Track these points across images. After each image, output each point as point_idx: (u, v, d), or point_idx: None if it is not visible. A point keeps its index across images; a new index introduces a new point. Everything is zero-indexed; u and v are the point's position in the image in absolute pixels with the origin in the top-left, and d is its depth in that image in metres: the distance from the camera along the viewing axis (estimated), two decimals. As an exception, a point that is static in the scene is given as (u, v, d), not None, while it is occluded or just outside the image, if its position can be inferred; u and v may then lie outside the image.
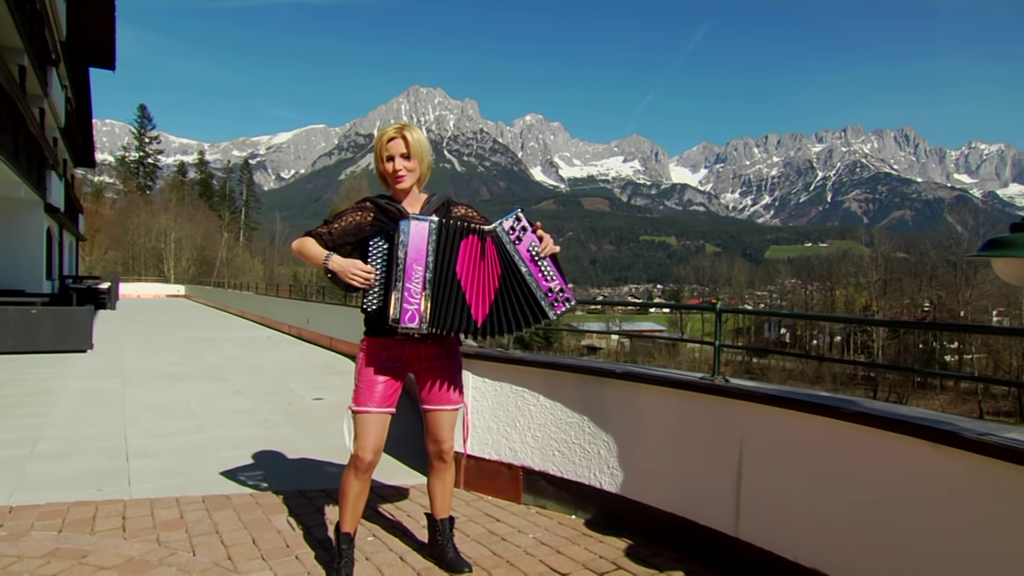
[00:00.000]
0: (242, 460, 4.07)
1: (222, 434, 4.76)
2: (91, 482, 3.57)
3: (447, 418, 2.44)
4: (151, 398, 6.16)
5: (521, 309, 2.17)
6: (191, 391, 6.57)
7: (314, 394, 6.56)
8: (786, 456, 2.35)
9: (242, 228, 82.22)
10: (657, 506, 2.84)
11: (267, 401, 6.12)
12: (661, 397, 2.86)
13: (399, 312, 2.11)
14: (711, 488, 2.62)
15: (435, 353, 2.38)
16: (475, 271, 2.17)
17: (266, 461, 4.09)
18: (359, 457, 2.30)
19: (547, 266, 2.19)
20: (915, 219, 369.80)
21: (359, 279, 2.22)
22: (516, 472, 3.45)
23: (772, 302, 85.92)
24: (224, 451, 4.28)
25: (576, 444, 3.21)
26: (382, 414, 2.33)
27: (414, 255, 2.12)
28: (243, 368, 8.41)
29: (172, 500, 3.29)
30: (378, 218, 2.33)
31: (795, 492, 2.31)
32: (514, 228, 2.19)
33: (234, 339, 12.63)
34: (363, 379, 2.33)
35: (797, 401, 2.30)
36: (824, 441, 2.21)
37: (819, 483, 2.23)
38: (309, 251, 2.33)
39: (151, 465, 3.93)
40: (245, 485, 3.58)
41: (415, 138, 2.34)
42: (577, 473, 3.20)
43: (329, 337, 10.86)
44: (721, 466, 2.59)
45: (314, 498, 3.36)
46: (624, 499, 2.98)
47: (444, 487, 2.55)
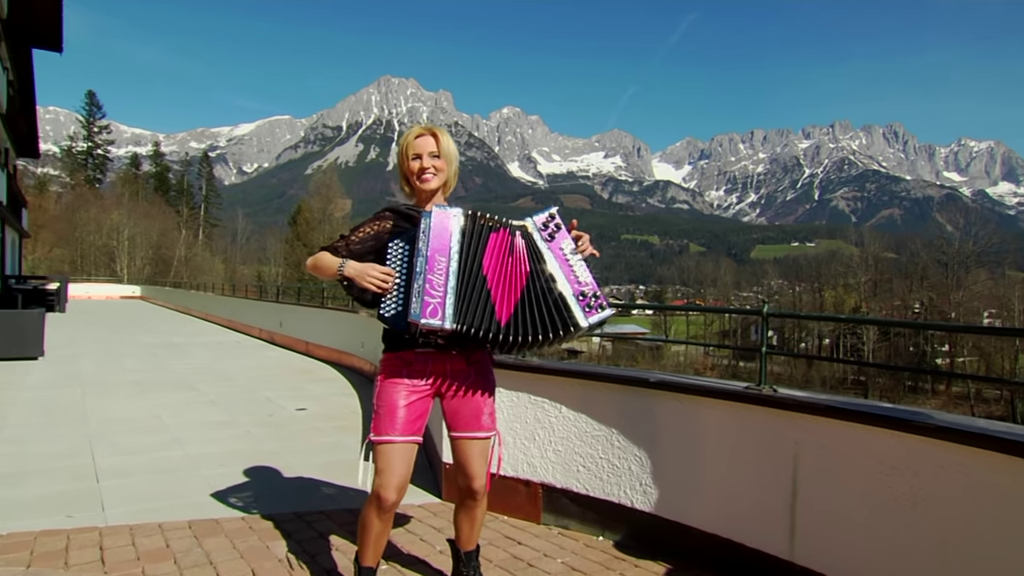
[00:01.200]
0: (227, 479, 3.89)
1: (201, 450, 4.55)
2: (58, 507, 3.36)
3: (479, 448, 2.23)
4: (116, 410, 5.91)
5: (549, 313, 2.01)
6: (160, 401, 6.33)
7: (295, 403, 6.36)
8: (848, 473, 2.27)
9: (202, 225, 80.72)
10: (698, 527, 2.74)
11: (245, 412, 5.92)
12: (702, 408, 2.77)
13: (420, 306, 1.94)
14: (761, 507, 2.53)
15: (464, 370, 2.20)
16: (502, 268, 2.03)
17: (254, 480, 3.91)
18: (381, 497, 2.12)
19: (581, 268, 2.05)
20: (904, 218, 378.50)
21: (376, 281, 2.08)
22: (535, 489, 3.34)
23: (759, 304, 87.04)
24: (206, 469, 4.08)
25: (604, 459, 3.10)
26: (407, 444, 2.14)
27: (437, 245, 1.98)
28: (214, 376, 8.16)
29: (154, 526, 3.10)
30: (398, 225, 2.20)
31: (859, 513, 2.23)
32: (547, 224, 2.06)
33: (201, 344, 12.30)
34: (383, 403, 2.15)
35: (862, 413, 2.22)
36: (894, 457, 2.13)
37: (888, 504, 2.15)
38: (323, 263, 2.18)
39: (125, 486, 3.73)
40: (234, 508, 3.40)
41: (445, 139, 2.24)
42: (605, 490, 3.09)
43: (305, 342, 10.62)
44: (772, 483, 2.50)
45: (314, 521, 3.21)
46: (660, 519, 2.88)
47: (474, 522, 2.39)
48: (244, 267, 74.73)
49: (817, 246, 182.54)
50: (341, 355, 9.18)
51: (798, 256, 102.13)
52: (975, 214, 73.84)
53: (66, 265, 52.40)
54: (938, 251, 60.45)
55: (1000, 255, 65.18)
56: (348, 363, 8.87)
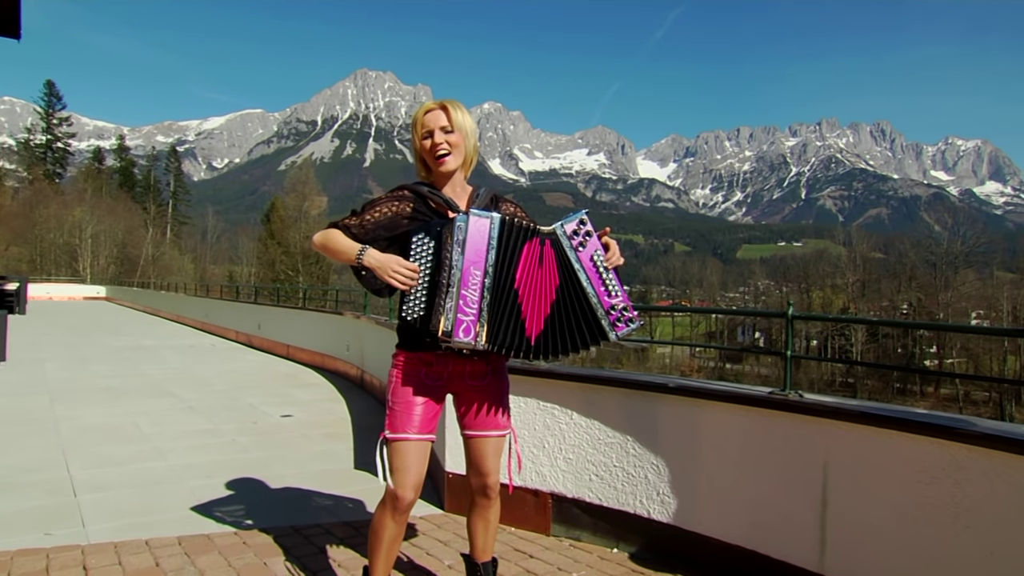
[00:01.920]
0: (215, 491, 3.78)
1: (185, 460, 4.44)
2: (34, 524, 3.24)
3: (493, 446, 2.23)
4: (89, 418, 5.75)
5: (579, 326, 1.99)
6: (136, 408, 6.18)
7: (280, 410, 6.24)
8: (884, 482, 2.24)
9: (170, 223, 79.51)
10: (720, 538, 2.71)
11: (228, 419, 5.79)
12: (724, 414, 2.74)
13: (452, 324, 1.91)
14: (788, 518, 2.50)
15: (482, 370, 2.18)
16: (532, 281, 1.99)
17: (245, 492, 3.81)
18: (398, 496, 2.07)
19: (611, 279, 2.01)
20: (891, 217, 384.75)
21: (401, 278, 2.01)
22: (544, 500, 3.29)
23: (745, 305, 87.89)
24: (192, 480, 3.97)
25: (618, 467, 3.06)
26: (423, 442, 2.12)
27: (473, 257, 1.92)
28: (191, 381, 8.00)
29: (141, 543, 2.99)
30: (418, 209, 2.13)
31: (896, 524, 2.21)
32: (577, 232, 2.00)
33: (173, 347, 12.08)
34: (399, 401, 2.12)
35: (900, 420, 2.19)
36: (934, 466, 2.11)
37: (927, 515, 2.13)
38: (336, 245, 2.09)
39: (106, 500, 3.61)
40: (225, 522, 3.30)
41: (458, 112, 2.15)
42: (619, 500, 3.05)
43: (286, 345, 10.47)
44: (801, 493, 2.47)
45: (312, 536, 3.12)
46: (678, 530, 2.85)
47: (488, 526, 2.34)
48: (215, 267, 73.79)
49: (804, 246, 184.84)
50: (324, 358, 9.05)
51: (785, 256, 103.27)
52: (963, 214, 75.24)
53: (24, 264, 51.27)
54: (926, 251, 61.45)
55: (988, 255, 66.53)
56: (332, 367, 8.75)
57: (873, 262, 70.76)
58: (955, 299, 55.75)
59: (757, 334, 72.92)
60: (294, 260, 36.96)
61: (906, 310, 57.89)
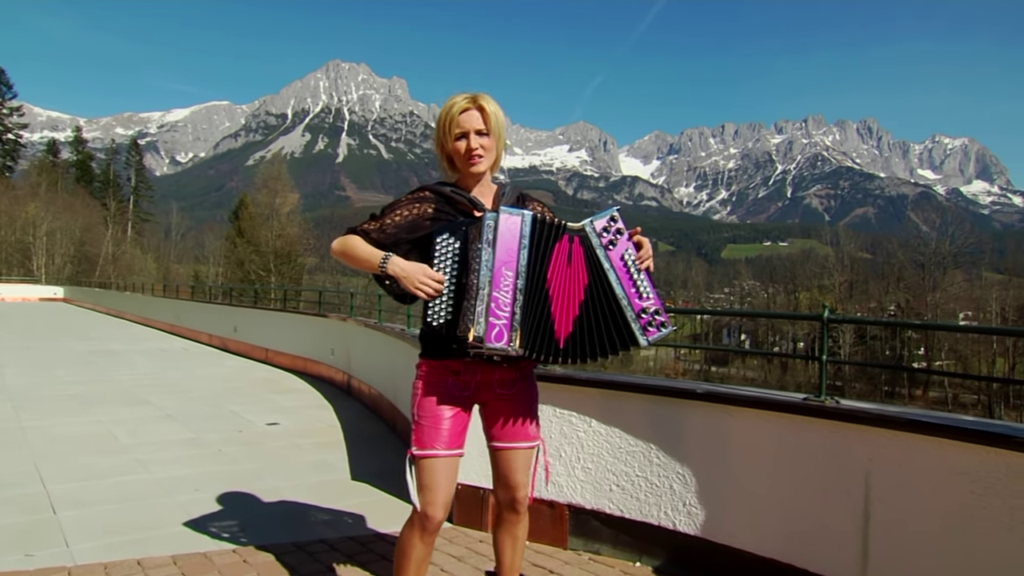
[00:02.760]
0: (206, 505, 3.68)
1: (170, 472, 4.32)
2: (13, 544, 3.11)
3: (523, 458, 2.18)
4: (60, 428, 5.59)
5: (607, 330, 1.95)
6: (110, 417, 6.02)
7: (265, 418, 6.13)
8: (931, 492, 2.23)
9: (131, 220, 78.07)
10: (753, 551, 2.68)
11: (211, 428, 5.67)
12: (756, 422, 2.71)
13: (484, 328, 1.85)
14: (828, 530, 2.48)
15: (511, 378, 2.13)
16: (562, 281, 1.95)
17: (238, 506, 3.72)
18: (428, 515, 2.01)
19: (643, 281, 1.98)
20: (878, 216, 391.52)
21: (428, 289, 1.96)
22: (560, 511, 3.24)
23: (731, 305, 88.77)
24: (180, 494, 3.87)
25: (641, 477, 3.02)
26: (452, 457, 2.06)
27: (504, 257, 1.87)
28: (166, 387, 7.83)
29: (132, 563, 2.90)
30: (441, 209, 2.08)
31: (945, 536, 2.20)
32: (607, 230, 1.97)
33: (143, 351, 11.84)
34: (425, 414, 2.06)
35: (951, 428, 2.18)
36: (989, 475, 2.10)
37: (980, 525, 2.12)
38: (358, 252, 2.05)
39: (89, 517, 3.49)
40: (222, 539, 3.21)
41: (492, 110, 2.10)
42: (642, 512, 3.01)
43: (264, 348, 10.31)
44: (841, 504, 2.46)
45: (316, 552, 3.05)
46: (707, 542, 2.82)
47: (516, 543, 2.29)
48: (180, 266, 72.69)
49: (790, 245, 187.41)
50: (307, 363, 8.92)
51: (771, 256, 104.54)
52: (951, 214, 76.78)
53: (-29, 264, 50.03)
54: (915, 251, 62.46)
55: (976, 256, 67.93)
56: (315, 372, 8.63)
57: (861, 262, 71.83)
58: (943, 300, 56.75)
59: (743, 336, 73.71)
60: (266, 260, 36.46)
61: (893, 311, 58.85)
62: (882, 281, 65.15)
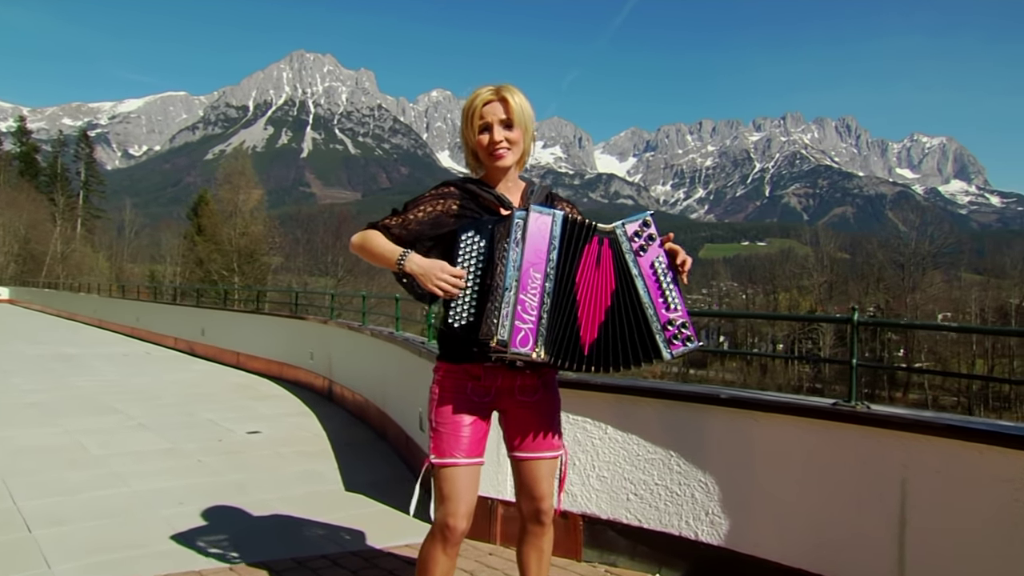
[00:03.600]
0: (193, 520, 3.59)
1: (149, 485, 4.20)
2: (-12, 563, 3.00)
3: (547, 468, 2.15)
4: (23, 439, 5.41)
5: (632, 341, 1.93)
6: (77, 427, 5.85)
7: (244, 426, 6.02)
8: (972, 499, 2.25)
9: (81, 216, 76.28)
10: (780, 561, 2.69)
11: (187, 437, 5.54)
12: (784, 427, 2.72)
13: (509, 332, 1.81)
14: (861, 539, 2.50)
15: (533, 385, 2.10)
16: (590, 285, 1.94)
17: (227, 520, 3.63)
18: (449, 526, 1.97)
19: (671, 290, 1.95)
20: (856, 216, 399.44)
21: (446, 286, 1.93)
22: (574, 522, 3.22)
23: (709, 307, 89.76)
24: (163, 508, 3.76)
25: (660, 485, 3.02)
26: (473, 466, 2.03)
27: (532, 258, 1.84)
28: (133, 394, 7.64)
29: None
30: (465, 207, 2.05)
31: (986, 544, 2.22)
32: (639, 234, 1.94)
33: (103, 356, 11.57)
34: (444, 420, 2.03)
35: (990, 433, 2.21)
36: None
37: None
38: (376, 247, 2.02)
39: (68, 535, 3.37)
40: (214, 556, 3.13)
41: (518, 101, 2.07)
42: (662, 521, 3.01)
43: (236, 353, 10.13)
44: (875, 512, 2.47)
45: (319, 569, 2.98)
46: (731, 552, 2.82)
47: (542, 556, 2.25)
48: (134, 266, 71.15)
49: (769, 245, 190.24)
50: (283, 368, 8.79)
51: (750, 256, 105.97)
52: (929, 213, 78.58)
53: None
54: (894, 252, 63.80)
55: (955, 256, 69.67)
56: (293, 377, 8.50)
57: (840, 263, 73.21)
58: (923, 301, 58.06)
59: (721, 338, 74.56)
60: (229, 259, 35.81)
61: (873, 312, 60.07)
62: (862, 282, 66.39)
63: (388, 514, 3.82)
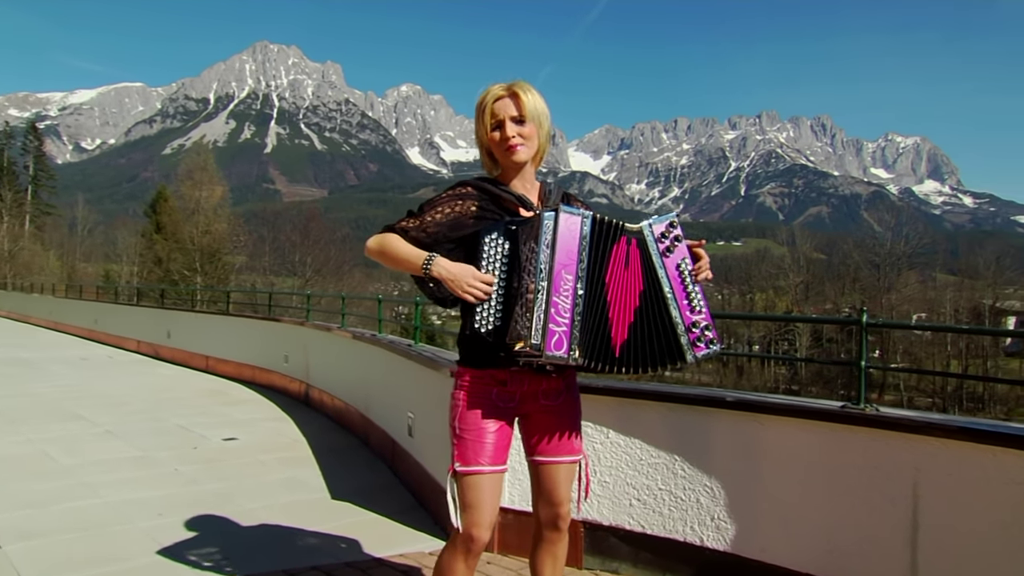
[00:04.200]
0: (174, 532, 3.52)
1: (124, 496, 4.12)
2: (-42, 579, 2.91)
3: (566, 473, 2.16)
4: (-17, 447, 5.26)
5: (659, 343, 1.95)
6: (40, 435, 5.70)
7: (219, 432, 5.93)
8: (986, 501, 2.30)
9: (29, 212, 74.41)
10: (788, 566, 2.72)
11: (159, 445, 5.44)
12: (791, 431, 2.76)
13: (543, 336, 1.82)
14: (872, 542, 2.54)
15: (557, 388, 2.11)
16: (619, 284, 1.96)
17: (212, 531, 3.57)
18: (473, 537, 1.97)
19: (696, 293, 1.99)
20: (832, 216, 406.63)
21: (478, 292, 1.92)
22: (575, 528, 3.21)
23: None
24: (142, 520, 3.69)
25: (664, 490, 3.04)
26: (497, 474, 2.03)
27: (564, 259, 1.85)
28: (97, 400, 7.47)
29: (106, 599, 2.74)
30: (485, 208, 2.05)
31: (1001, 545, 2.27)
32: (665, 235, 1.98)
33: (61, 360, 11.30)
34: (468, 427, 2.03)
35: (1003, 435, 2.26)
36: (1047, 482, 2.18)
37: (1038, 533, 2.19)
38: (397, 252, 2.01)
39: (42, 549, 3.28)
40: (202, 569, 3.08)
41: (530, 97, 2.07)
42: (666, 527, 3.03)
43: (205, 356, 9.97)
44: (886, 515, 2.51)
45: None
46: (737, 558, 2.85)
47: (556, 563, 2.26)
48: (87, 265, 69.63)
49: (744, 245, 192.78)
50: (256, 372, 8.67)
51: (726, 256, 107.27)
52: (904, 214, 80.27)
53: None
54: (870, 252, 65.10)
55: (930, 257, 71.32)
56: (266, 381, 8.39)
57: (816, 263, 74.44)
58: (898, 301, 59.33)
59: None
60: (191, 258, 35.12)
61: (849, 312, 61.19)
62: (838, 282, 67.55)
63: (379, 523, 3.79)
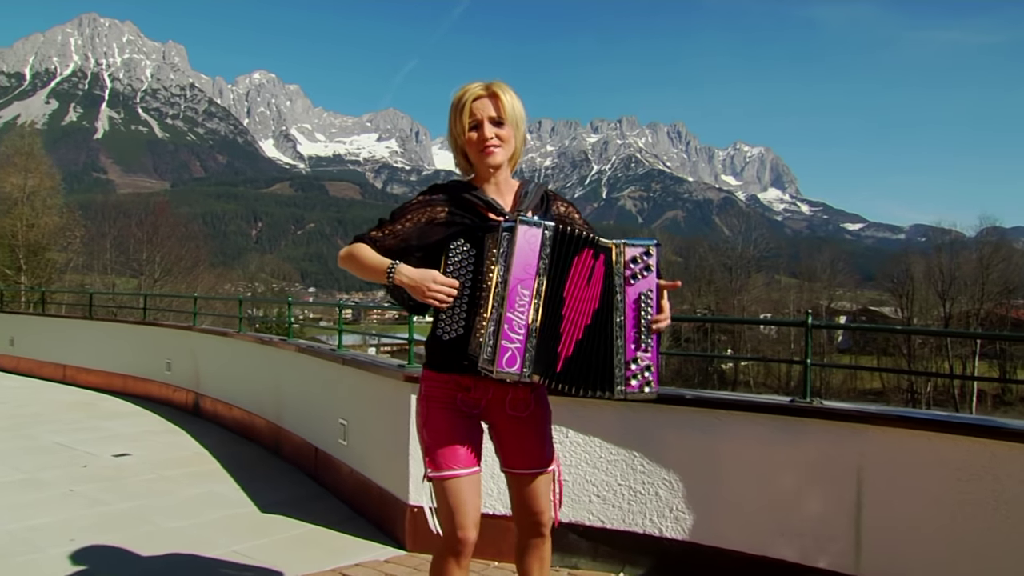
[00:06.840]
0: (94, 557, 3.30)
1: (23, 522, 3.77)
2: None
3: (543, 483, 2.21)
4: None
5: (594, 368, 1.95)
6: None
7: (105, 448, 5.53)
8: (922, 482, 2.66)
9: None
10: (744, 550, 2.99)
11: (42, 465, 5.00)
12: (745, 425, 3.02)
13: (494, 351, 1.83)
14: (821, 524, 2.85)
15: (524, 399, 2.14)
16: (577, 299, 1.95)
17: (136, 555, 3.36)
18: (460, 539, 2.00)
19: (646, 333, 1.95)
20: (687, 220, 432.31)
21: (441, 296, 1.96)
22: (533, 529, 3.34)
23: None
24: (51, 548, 3.41)
25: (623, 486, 3.23)
26: (473, 475, 2.07)
27: (520, 274, 1.85)
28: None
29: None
30: (454, 212, 2.07)
31: (934, 522, 2.63)
32: (636, 261, 1.94)
33: None
34: (436, 433, 2.06)
35: (938, 422, 2.62)
36: (975, 464, 2.55)
37: (968, 510, 2.56)
38: (364, 261, 2.04)
39: (-57, 583, 2.98)
40: (144, 594, 2.91)
41: (509, 99, 2.11)
42: (625, 521, 3.22)
43: (62, 366, 9.15)
44: (833, 498, 2.83)
45: (272, 599, 2.88)
46: (696, 545, 3.08)
47: (543, 564, 2.33)
48: None
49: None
50: (129, 381, 8.08)
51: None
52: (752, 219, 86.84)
53: None
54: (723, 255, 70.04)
55: (775, 260, 77.81)
56: (142, 391, 7.85)
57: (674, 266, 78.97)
58: (748, 302, 64.22)
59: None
60: (15, 256, 31.62)
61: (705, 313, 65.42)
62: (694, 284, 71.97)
63: (321, 534, 3.72)
